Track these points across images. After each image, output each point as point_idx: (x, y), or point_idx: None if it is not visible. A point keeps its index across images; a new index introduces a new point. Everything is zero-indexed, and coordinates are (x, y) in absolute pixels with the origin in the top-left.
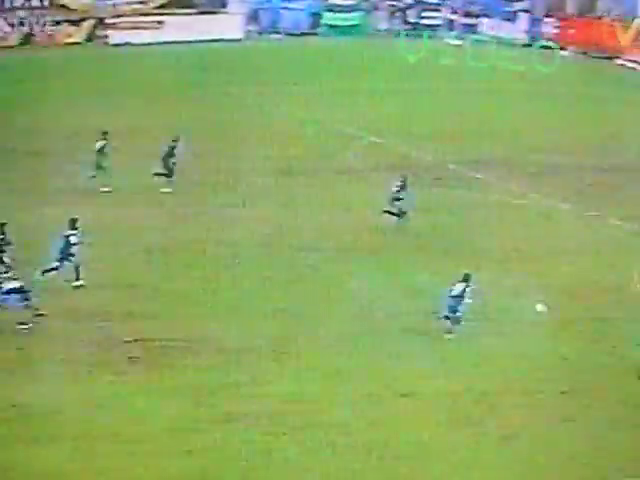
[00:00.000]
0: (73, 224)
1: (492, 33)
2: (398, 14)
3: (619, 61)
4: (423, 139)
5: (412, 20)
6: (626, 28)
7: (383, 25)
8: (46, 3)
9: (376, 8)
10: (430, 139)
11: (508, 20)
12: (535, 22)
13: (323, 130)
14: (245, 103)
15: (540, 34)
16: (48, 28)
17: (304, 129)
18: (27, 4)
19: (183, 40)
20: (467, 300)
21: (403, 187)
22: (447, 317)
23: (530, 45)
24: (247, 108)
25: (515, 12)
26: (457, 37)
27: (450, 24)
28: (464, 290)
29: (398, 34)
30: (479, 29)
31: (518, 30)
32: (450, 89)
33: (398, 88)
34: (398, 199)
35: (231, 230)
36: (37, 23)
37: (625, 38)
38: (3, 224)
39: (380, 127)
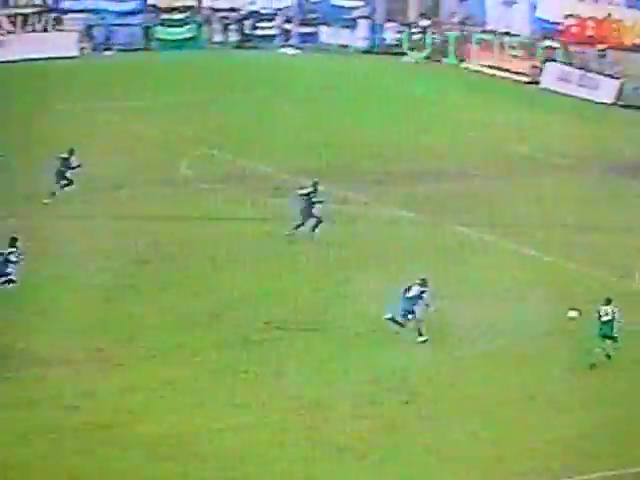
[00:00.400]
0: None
1: (331, 41)
2: (233, 26)
3: (463, 64)
4: (260, 149)
5: (247, 31)
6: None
7: (218, 37)
8: None
9: (209, 21)
10: (267, 149)
11: (348, 27)
12: (376, 28)
13: (157, 142)
14: (76, 120)
15: (381, 40)
16: None
17: (137, 142)
18: None
19: (18, 59)
20: (424, 305)
21: (315, 191)
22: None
23: (370, 52)
24: (77, 123)
25: (355, 19)
26: (294, 47)
27: (287, 34)
28: (420, 293)
29: (235, 46)
30: (318, 38)
31: (358, 37)
32: (286, 99)
33: (231, 99)
34: (312, 204)
35: None
36: None
37: None
38: None
39: (215, 138)
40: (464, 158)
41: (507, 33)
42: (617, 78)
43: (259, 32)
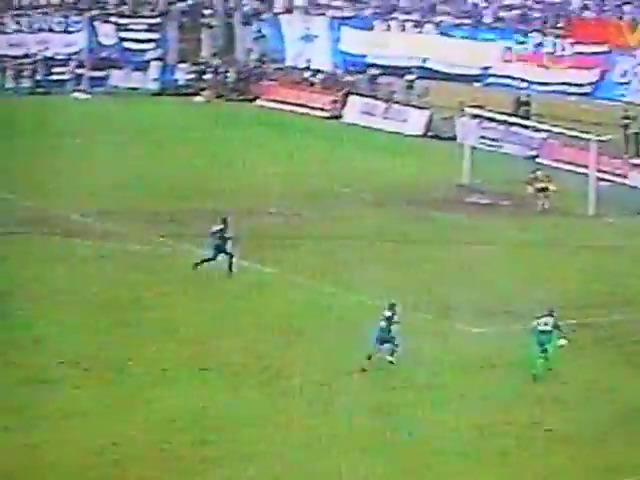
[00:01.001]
0: None
1: (122, 84)
2: (27, 72)
3: (259, 102)
4: (54, 193)
5: (40, 77)
6: None
7: (10, 84)
8: None
9: (2, 69)
10: (59, 193)
11: (139, 70)
12: (167, 70)
13: None
14: None
15: (173, 81)
16: None
17: None
18: None
19: None
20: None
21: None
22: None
23: (161, 93)
24: None
25: (147, 61)
26: (85, 91)
27: (78, 78)
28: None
29: (28, 92)
30: (108, 81)
31: (149, 79)
32: (74, 142)
33: (20, 144)
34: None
35: None
36: None
37: None
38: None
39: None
40: (264, 195)
41: (307, 68)
42: (425, 109)
43: (53, 77)
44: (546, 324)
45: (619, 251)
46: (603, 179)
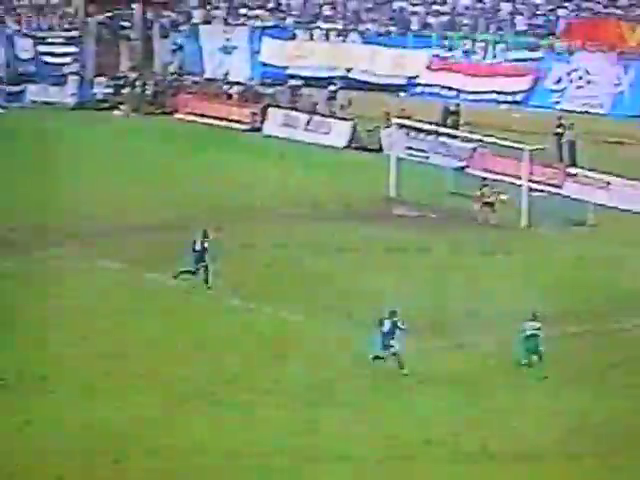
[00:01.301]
0: None
1: (39, 99)
2: None
3: (177, 115)
4: None
5: None
6: None
7: None
8: None
9: None
10: None
11: (57, 85)
12: (85, 84)
13: None
14: None
15: (91, 95)
16: None
17: None
18: None
19: None
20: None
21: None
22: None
23: (79, 107)
24: None
25: (65, 75)
26: (0, 106)
27: None
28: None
29: None
30: (24, 96)
31: (67, 94)
32: None
33: None
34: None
35: None
36: None
37: None
38: None
39: None
40: (183, 210)
41: (226, 81)
42: (349, 120)
43: None
44: (533, 328)
45: (548, 263)
46: (537, 189)
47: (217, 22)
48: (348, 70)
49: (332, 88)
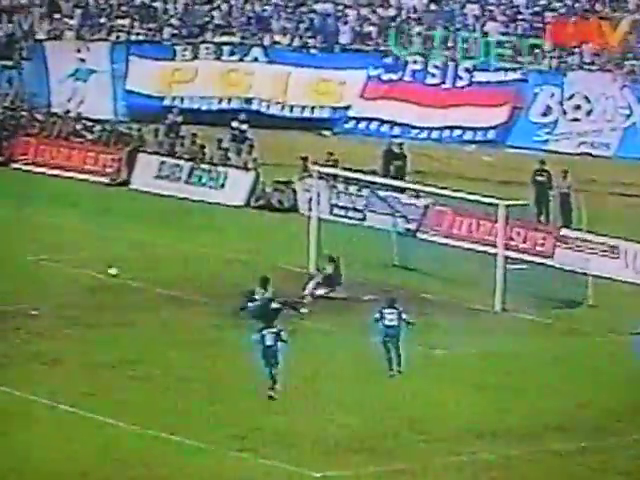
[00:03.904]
0: None
1: None
2: None
3: (13, 165)
4: None
5: None
6: None
7: None
8: None
9: None
10: None
11: None
12: None
13: None
14: None
15: None
16: None
17: None
18: None
19: None
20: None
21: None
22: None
23: None
24: None
25: None
26: None
27: None
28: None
29: None
30: None
31: None
32: None
33: None
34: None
35: None
36: None
37: None
38: None
39: None
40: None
41: (79, 117)
42: (249, 169)
43: None
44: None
45: (525, 363)
46: (517, 260)
47: (70, 36)
48: (248, 101)
49: (232, 124)
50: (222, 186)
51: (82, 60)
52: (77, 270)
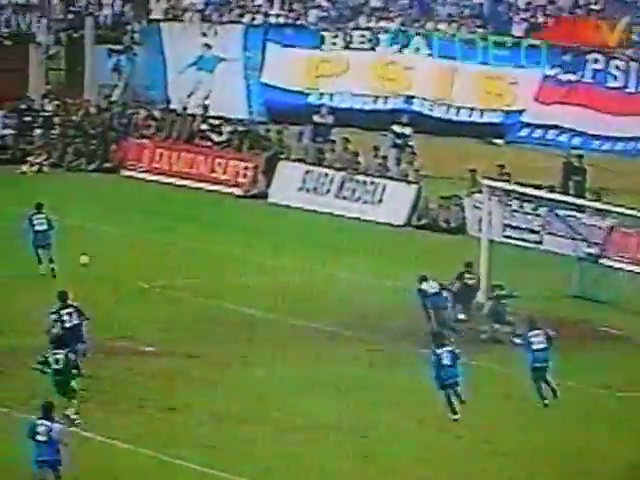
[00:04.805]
0: None
1: None
2: None
3: (123, 173)
4: None
5: None
6: None
7: None
8: None
9: None
10: None
11: None
12: None
13: None
14: None
15: None
16: None
17: None
18: None
19: None
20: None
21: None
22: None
23: None
24: None
25: None
26: None
27: None
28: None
29: None
30: None
31: None
32: None
33: None
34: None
35: None
36: None
37: None
38: None
39: None
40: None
41: (205, 116)
42: (411, 182)
43: None
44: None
45: None
46: None
47: (192, 17)
48: (408, 100)
49: (396, 129)
50: (380, 201)
51: (208, 46)
52: (204, 300)
